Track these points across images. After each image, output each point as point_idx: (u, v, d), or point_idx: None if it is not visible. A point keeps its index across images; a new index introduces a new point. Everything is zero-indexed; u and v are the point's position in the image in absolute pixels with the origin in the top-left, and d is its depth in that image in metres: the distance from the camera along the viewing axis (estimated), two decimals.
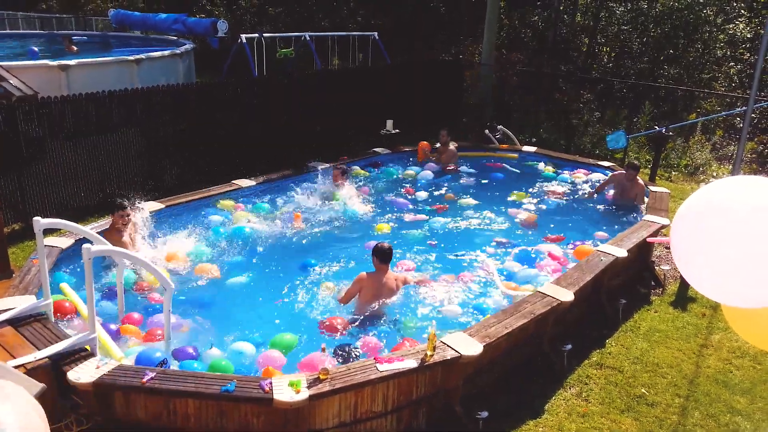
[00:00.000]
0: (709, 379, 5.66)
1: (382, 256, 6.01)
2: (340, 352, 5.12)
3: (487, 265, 6.99)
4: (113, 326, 5.30)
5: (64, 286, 5.70)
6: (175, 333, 5.38)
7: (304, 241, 7.74)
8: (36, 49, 16.07)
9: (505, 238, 7.92)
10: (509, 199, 9.64)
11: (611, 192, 9.59)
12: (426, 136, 11.78)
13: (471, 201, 9.40)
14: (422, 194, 9.68)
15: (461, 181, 10.35)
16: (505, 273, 6.89)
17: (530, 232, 8.36)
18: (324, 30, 18.86)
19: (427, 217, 8.63)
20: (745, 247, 2.28)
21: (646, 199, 8.92)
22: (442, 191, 9.89)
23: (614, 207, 9.27)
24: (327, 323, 5.60)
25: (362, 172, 10.38)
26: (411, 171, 10.67)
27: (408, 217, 8.68)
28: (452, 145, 11.12)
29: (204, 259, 7.02)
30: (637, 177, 9.29)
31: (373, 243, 7.77)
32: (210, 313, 5.91)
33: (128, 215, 6.74)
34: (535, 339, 5.71)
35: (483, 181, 10.32)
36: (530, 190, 10.08)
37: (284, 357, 5.06)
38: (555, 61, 17.70)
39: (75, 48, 16.64)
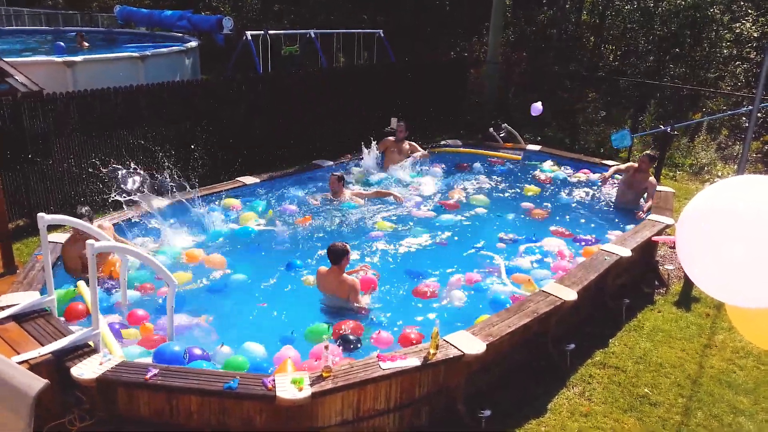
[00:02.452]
0: (712, 380, 5.65)
1: (330, 256, 5.90)
2: (345, 344, 5.17)
3: (498, 264, 7.00)
4: (117, 324, 5.31)
5: (81, 284, 5.71)
6: (184, 328, 5.42)
7: (300, 238, 7.73)
8: (63, 44, 16.22)
9: (511, 234, 7.87)
10: (523, 193, 9.68)
11: (618, 183, 9.30)
12: (429, 134, 11.75)
13: (483, 198, 9.31)
14: (429, 189, 9.63)
15: (475, 179, 10.30)
16: (511, 264, 6.95)
17: (540, 220, 8.41)
18: (329, 27, 18.85)
19: (434, 214, 8.60)
20: (751, 246, 2.27)
21: (649, 202, 8.73)
22: (454, 188, 9.79)
23: (619, 204, 9.14)
24: (338, 327, 5.58)
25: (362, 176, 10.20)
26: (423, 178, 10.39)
27: (415, 213, 8.67)
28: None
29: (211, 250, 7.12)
30: (649, 172, 8.88)
31: (377, 234, 7.85)
32: (219, 309, 5.93)
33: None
34: (539, 338, 5.70)
35: (491, 184, 10.23)
36: (542, 182, 10.11)
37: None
38: (560, 59, 17.65)
39: (86, 44, 16.72)
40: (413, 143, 10.54)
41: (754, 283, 2.34)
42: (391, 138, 10.51)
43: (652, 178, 8.88)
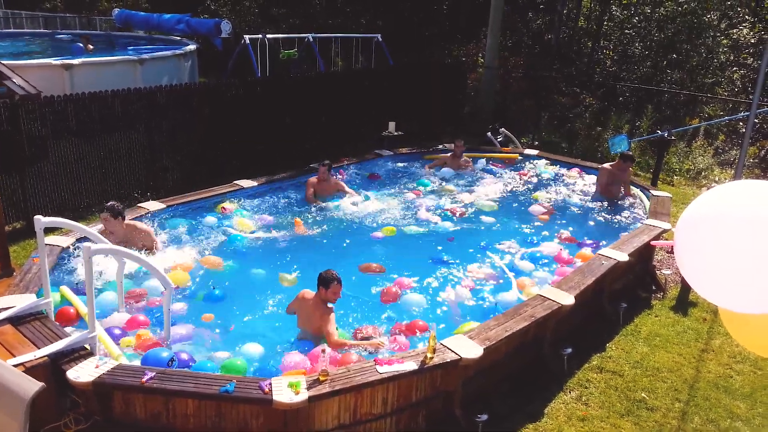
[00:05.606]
0: (709, 384, 5.65)
1: (320, 282, 5.30)
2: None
3: (502, 270, 7.02)
4: (117, 330, 5.27)
5: (65, 288, 5.67)
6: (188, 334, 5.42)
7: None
8: (81, 45, 16.30)
9: (513, 241, 7.83)
10: (531, 198, 9.71)
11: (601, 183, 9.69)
12: (428, 138, 11.77)
13: (491, 204, 9.30)
14: (434, 196, 9.64)
15: (481, 183, 10.34)
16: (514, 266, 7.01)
17: (543, 224, 8.44)
18: (328, 31, 18.88)
19: (440, 219, 8.58)
20: (748, 251, 2.27)
21: (633, 190, 9.40)
22: (460, 194, 9.78)
23: (604, 201, 9.38)
24: (360, 330, 5.53)
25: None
26: (451, 186, 10.21)
27: (423, 214, 8.68)
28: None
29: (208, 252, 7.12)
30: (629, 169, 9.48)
31: (379, 234, 7.89)
32: (217, 313, 5.91)
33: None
34: (536, 342, 5.70)
35: (499, 191, 10.14)
36: (549, 189, 10.14)
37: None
38: (558, 65, 17.71)
39: (91, 47, 16.76)
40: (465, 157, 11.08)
41: (751, 288, 2.34)
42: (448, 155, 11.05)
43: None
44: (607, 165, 9.70)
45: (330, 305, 5.33)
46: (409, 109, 13.56)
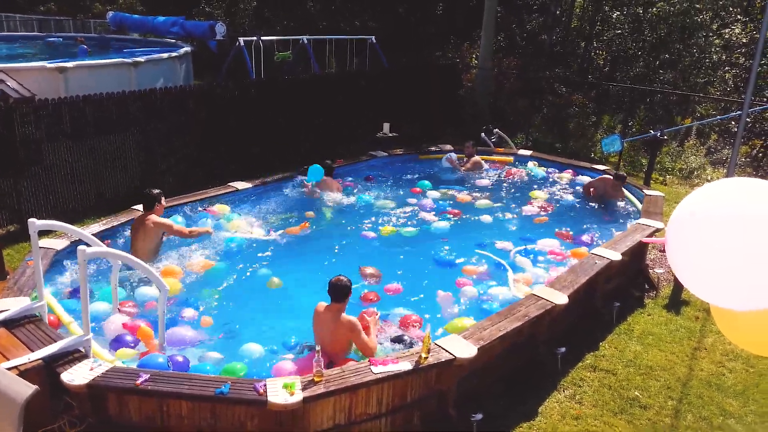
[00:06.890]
0: (702, 382, 5.69)
1: (331, 292, 5.07)
2: (398, 343, 5.25)
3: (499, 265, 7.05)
4: (128, 337, 5.26)
5: (47, 294, 5.63)
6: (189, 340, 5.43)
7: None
8: (86, 47, 16.32)
9: (508, 242, 7.84)
10: (530, 195, 9.75)
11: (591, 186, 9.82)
12: (428, 139, 11.79)
13: (487, 202, 9.36)
14: (435, 194, 9.68)
15: (477, 183, 10.41)
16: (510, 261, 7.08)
17: (541, 227, 8.50)
18: (322, 33, 18.90)
19: (437, 219, 8.62)
20: (741, 248, 2.29)
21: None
22: (457, 193, 9.83)
23: (601, 205, 9.47)
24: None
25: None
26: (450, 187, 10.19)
27: (421, 215, 8.73)
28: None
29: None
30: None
31: (370, 234, 7.93)
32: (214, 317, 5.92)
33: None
34: (530, 342, 5.73)
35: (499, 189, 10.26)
36: (545, 189, 10.17)
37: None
38: (551, 65, 17.76)
39: (89, 50, 16.79)
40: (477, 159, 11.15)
41: (742, 284, 2.35)
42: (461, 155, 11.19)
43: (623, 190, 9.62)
44: (606, 176, 9.86)
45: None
46: (407, 112, 13.58)
